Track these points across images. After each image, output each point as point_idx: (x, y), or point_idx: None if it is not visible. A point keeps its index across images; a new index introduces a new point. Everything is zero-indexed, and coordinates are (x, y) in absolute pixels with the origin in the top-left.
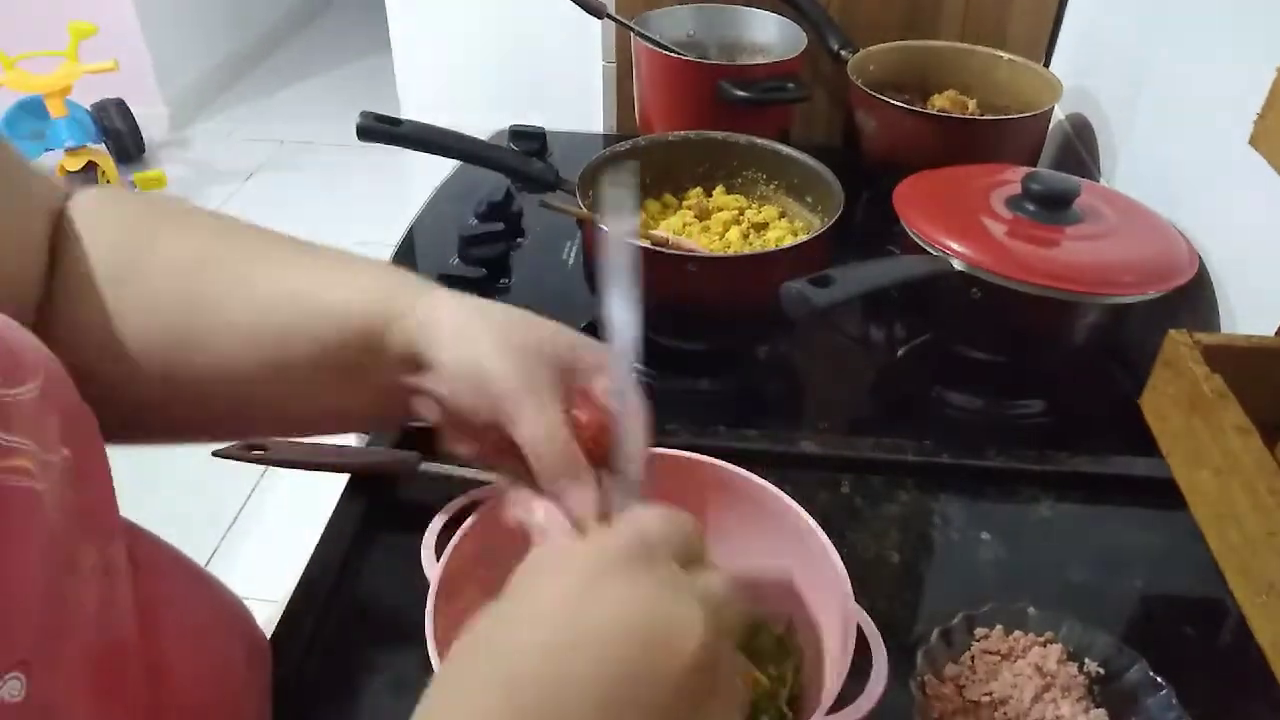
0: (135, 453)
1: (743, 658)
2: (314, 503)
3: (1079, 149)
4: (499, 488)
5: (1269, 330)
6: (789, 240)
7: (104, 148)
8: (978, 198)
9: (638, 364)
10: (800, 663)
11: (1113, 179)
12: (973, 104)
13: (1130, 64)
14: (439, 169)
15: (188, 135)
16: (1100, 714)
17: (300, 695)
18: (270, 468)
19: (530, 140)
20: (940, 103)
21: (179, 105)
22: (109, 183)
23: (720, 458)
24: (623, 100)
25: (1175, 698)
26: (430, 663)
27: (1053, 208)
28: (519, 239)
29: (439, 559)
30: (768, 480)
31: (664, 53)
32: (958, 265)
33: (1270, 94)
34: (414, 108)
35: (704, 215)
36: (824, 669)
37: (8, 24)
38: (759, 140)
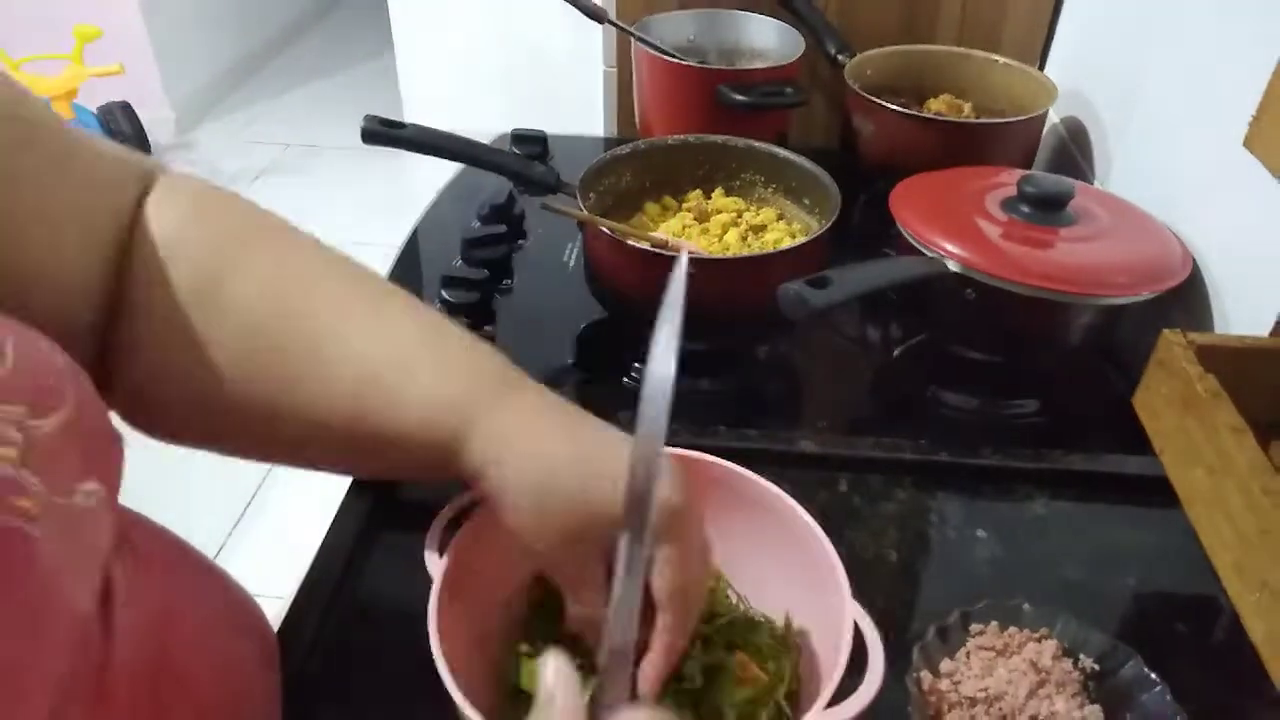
0: (141, 450)
1: (742, 655)
2: (318, 501)
3: (1073, 152)
4: None
5: (1262, 331)
6: (787, 242)
7: None
8: (973, 200)
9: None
10: (798, 659)
11: (1107, 181)
12: (968, 107)
13: (1124, 67)
14: (442, 172)
15: (193, 138)
16: (1095, 710)
17: (304, 693)
18: (274, 466)
19: (532, 144)
20: (936, 106)
21: (184, 109)
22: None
23: (720, 457)
24: (623, 104)
25: (1169, 694)
26: (433, 661)
27: (1047, 210)
28: (521, 241)
29: (442, 557)
30: (767, 479)
31: (664, 58)
32: (953, 266)
33: (1264, 97)
34: (417, 112)
35: (703, 217)
36: (821, 665)
37: (12, 27)
38: (757, 143)
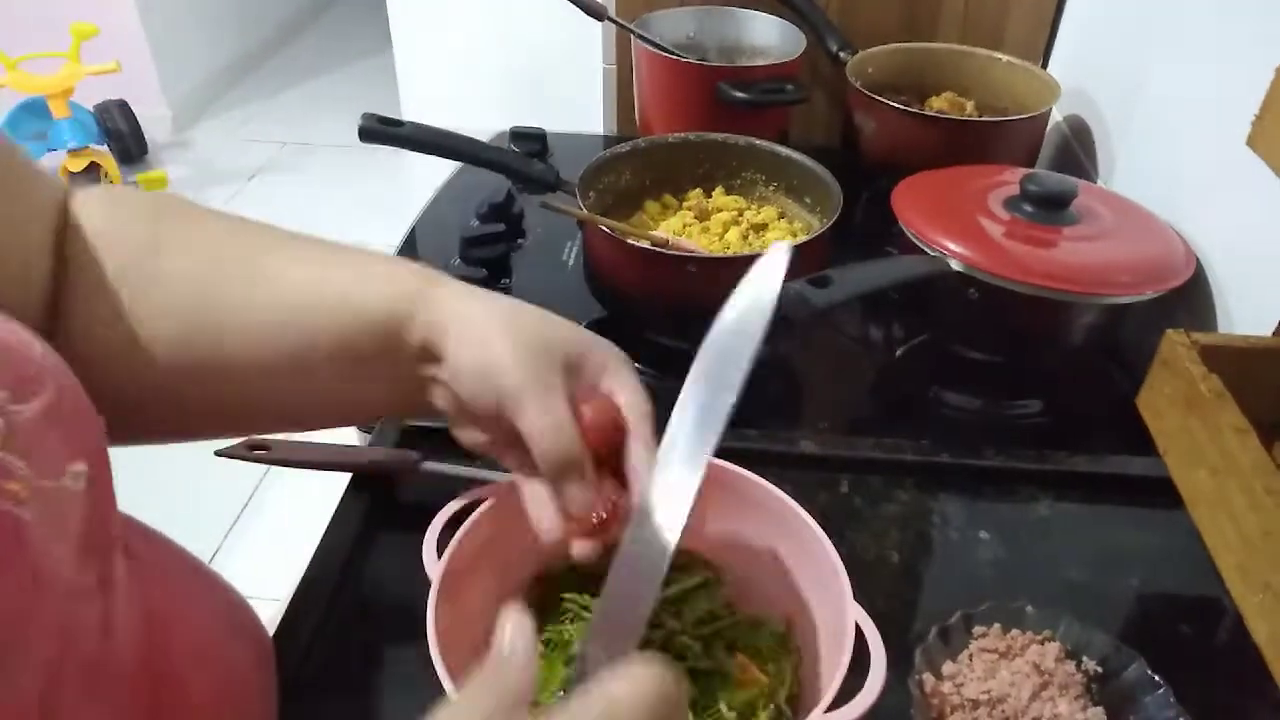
0: (136, 452)
1: (743, 657)
2: (316, 502)
3: (1076, 150)
4: (501, 487)
5: (1266, 330)
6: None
7: (106, 149)
8: (976, 199)
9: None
10: (799, 661)
11: (1110, 180)
12: (971, 105)
13: (1127, 66)
14: (440, 170)
15: (190, 136)
16: (1098, 712)
17: (302, 694)
18: (272, 467)
19: (531, 142)
20: (938, 104)
21: (181, 106)
22: (112, 184)
23: (720, 458)
24: (623, 102)
25: (1173, 696)
26: (431, 661)
27: (1050, 209)
28: (520, 240)
29: (440, 558)
30: (768, 480)
31: (664, 55)
32: (955, 266)
33: (1267, 95)
34: (415, 109)
35: (704, 216)
36: (823, 667)
37: (9, 25)
38: (758, 142)
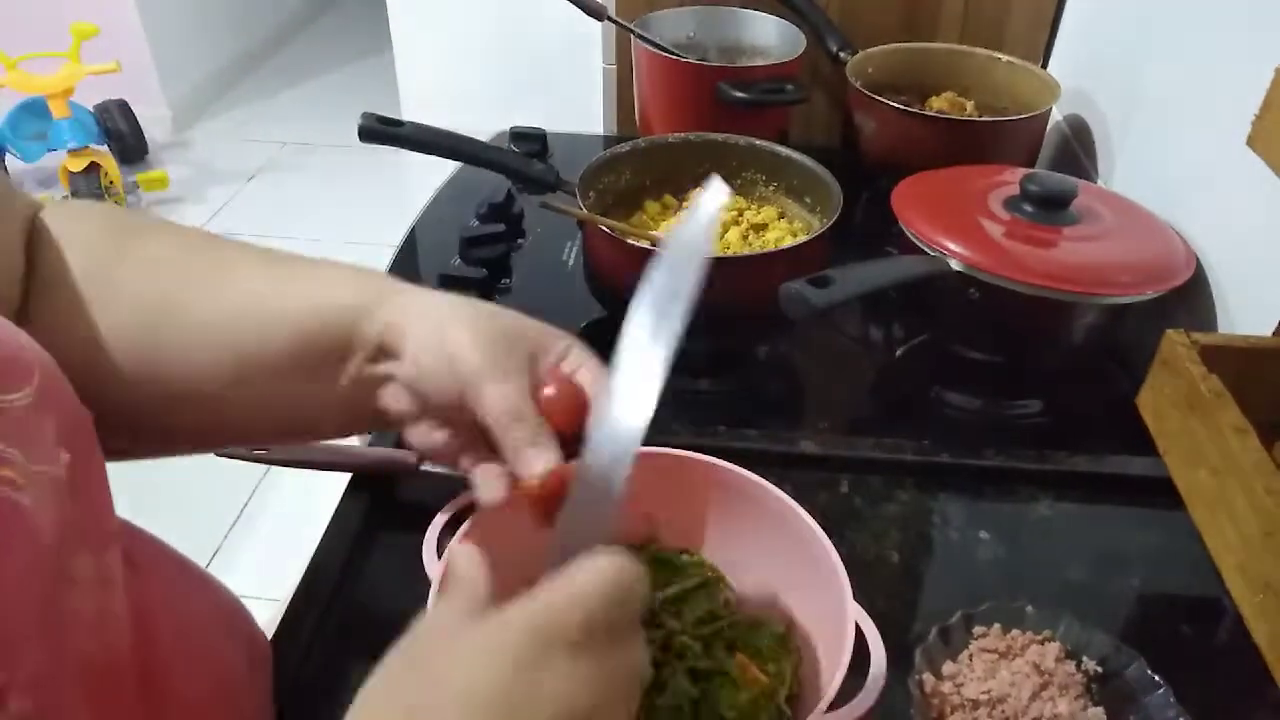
0: None
1: (743, 657)
2: (315, 502)
3: (1077, 150)
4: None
5: (1266, 330)
6: (788, 241)
7: (106, 149)
8: (976, 199)
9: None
10: (799, 661)
11: (1110, 180)
12: (971, 105)
13: (1128, 66)
14: (440, 170)
15: (190, 136)
16: (1098, 712)
17: (301, 695)
18: (271, 467)
19: (531, 142)
20: (938, 104)
21: (181, 106)
22: (112, 183)
23: (720, 458)
24: (623, 102)
25: (1173, 696)
26: None
27: (1050, 209)
28: (520, 240)
29: (440, 558)
30: (768, 480)
31: (664, 55)
32: (956, 266)
33: (1267, 95)
34: (415, 109)
35: None
36: (823, 667)
37: (9, 25)
38: (758, 141)
